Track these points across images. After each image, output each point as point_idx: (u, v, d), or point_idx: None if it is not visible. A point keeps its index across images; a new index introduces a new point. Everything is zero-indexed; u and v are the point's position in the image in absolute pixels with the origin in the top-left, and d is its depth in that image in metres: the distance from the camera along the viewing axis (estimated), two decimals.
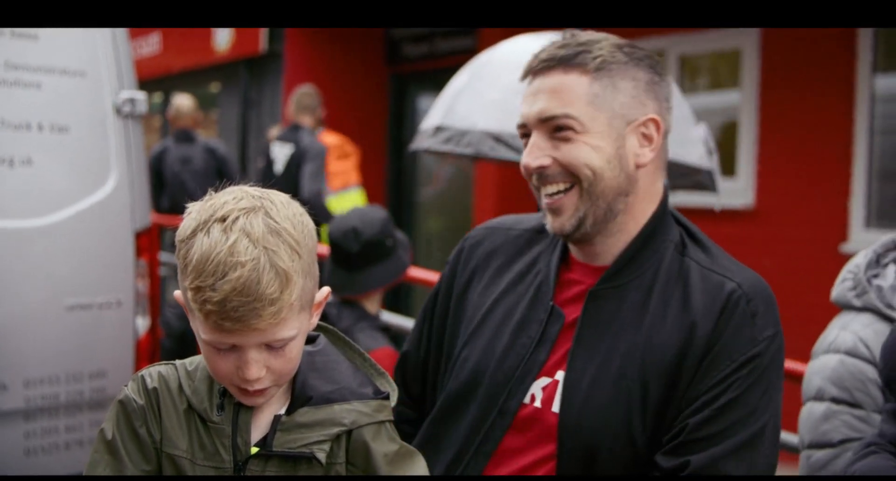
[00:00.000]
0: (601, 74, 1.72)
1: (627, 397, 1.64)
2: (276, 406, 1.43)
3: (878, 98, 5.58)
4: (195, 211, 1.35)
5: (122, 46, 3.53)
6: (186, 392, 1.43)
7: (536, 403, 1.72)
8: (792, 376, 2.63)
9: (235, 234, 1.29)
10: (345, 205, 6.59)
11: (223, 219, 1.31)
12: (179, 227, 1.35)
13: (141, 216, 3.57)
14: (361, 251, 3.11)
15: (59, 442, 3.33)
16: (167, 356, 3.15)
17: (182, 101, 7.76)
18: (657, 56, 1.82)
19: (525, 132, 1.78)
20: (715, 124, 6.13)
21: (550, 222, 1.77)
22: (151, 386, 1.44)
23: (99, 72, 3.43)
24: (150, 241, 3.67)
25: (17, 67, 3.22)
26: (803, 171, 5.86)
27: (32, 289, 3.25)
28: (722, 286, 1.68)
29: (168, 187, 7.49)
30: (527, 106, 1.76)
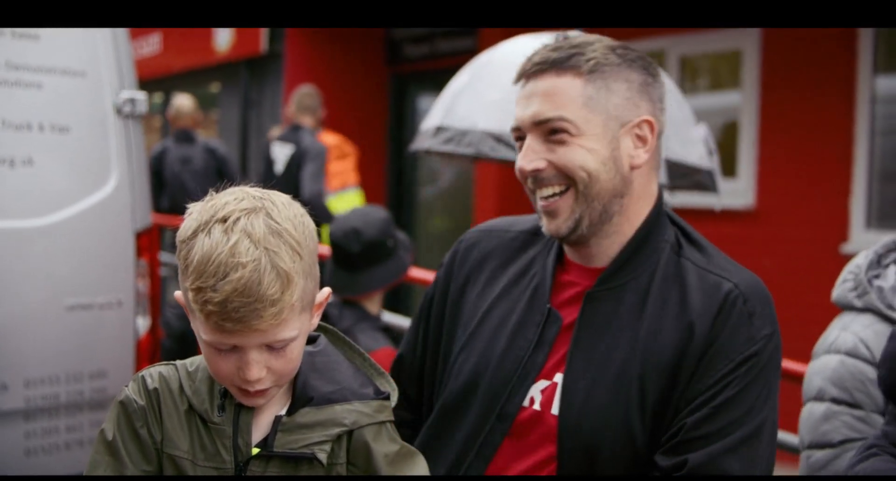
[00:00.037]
0: (595, 77, 1.72)
1: (626, 398, 1.64)
2: (277, 406, 1.43)
3: (879, 99, 5.57)
4: (196, 211, 1.35)
5: (123, 46, 3.53)
6: (187, 392, 1.43)
7: (536, 406, 1.72)
8: (792, 376, 2.63)
9: (237, 235, 1.29)
10: (343, 206, 6.60)
11: (224, 220, 1.31)
12: (180, 228, 1.35)
13: (141, 216, 3.57)
14: (362, 251, 3.11)
15: (59, 442, 3.32)
16: (167, 356, 3.15)
17: (182, 102, 7.76)
18: (657, 57, 1.82)
19: (519, 135, 1.78)
20: (715, 125, 6.13)
21: (546, 225, 1.77)
22: (152, 386, 1.44)
23: (99, 72, 3.43)
24: (151, 241, 3.67)
25: (18, 67, 3.22)
26: (804, 172, 5.86)
27: (33, 289, 3.25)
28: (719, 286, 1.68)
29: (168, 187, 7.49)
30: (520, 109, 1.76)
